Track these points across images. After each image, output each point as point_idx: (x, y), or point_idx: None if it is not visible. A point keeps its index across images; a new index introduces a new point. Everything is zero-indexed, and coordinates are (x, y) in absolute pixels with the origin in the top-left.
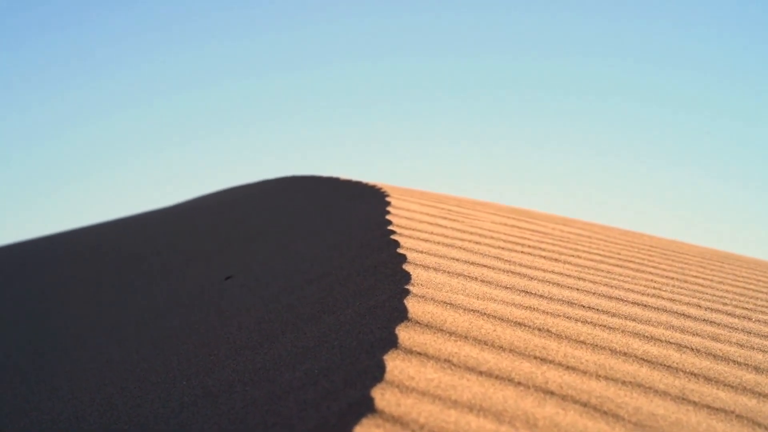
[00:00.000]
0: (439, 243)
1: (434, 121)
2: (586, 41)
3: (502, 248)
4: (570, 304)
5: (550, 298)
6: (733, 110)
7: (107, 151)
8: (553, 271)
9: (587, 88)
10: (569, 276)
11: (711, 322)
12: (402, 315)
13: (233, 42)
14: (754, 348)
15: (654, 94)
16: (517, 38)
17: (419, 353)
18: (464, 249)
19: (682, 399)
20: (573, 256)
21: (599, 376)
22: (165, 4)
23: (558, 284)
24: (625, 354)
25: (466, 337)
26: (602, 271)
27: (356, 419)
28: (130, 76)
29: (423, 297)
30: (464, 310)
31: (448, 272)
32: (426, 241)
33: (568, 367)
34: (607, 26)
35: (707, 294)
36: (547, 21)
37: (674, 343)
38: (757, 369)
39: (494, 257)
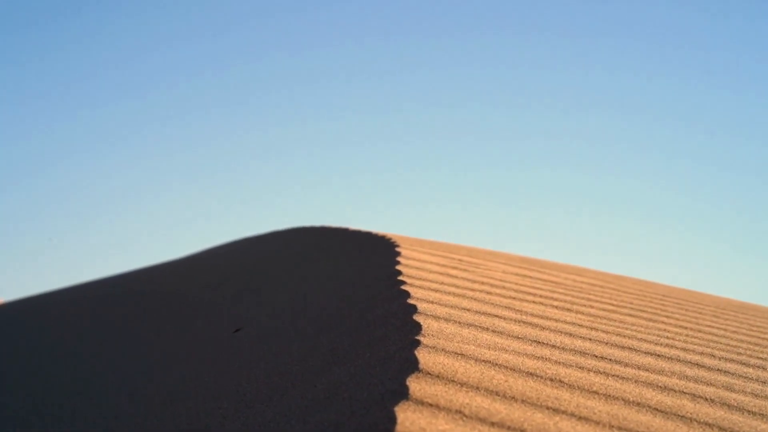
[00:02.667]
0: (449, 293)
1: (445, 170)
2: (599, 91)
3: (514, 298)
4: (582, 354)
5: (563, 348)
6: (745, 162)
7: (110, 205)
8: (565, 321)
9: (600, 138)
10: (581, 326)
11: (725, 372)
12: (413, 366)
13: (247, 92)
14: None
15: (666, 144)
16: (526, 87)
17: (430, 404)
18: (475, 299)
19: None
20: (585, 305)
21: (612, 426)
22: (172, 54)
23: (570, 334)
24: (638, 404)
25: (477, 388)
26: (615, 320)
27: None
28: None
29: (434, 348)
30: (475, 360)
31: (459, 322)
32: (436, 291)
33: (580, 418)
34: (620, 80)
35: (721, 344)
36: (559, 73)
37: (688, 393)
38: None
39: (505, 307)
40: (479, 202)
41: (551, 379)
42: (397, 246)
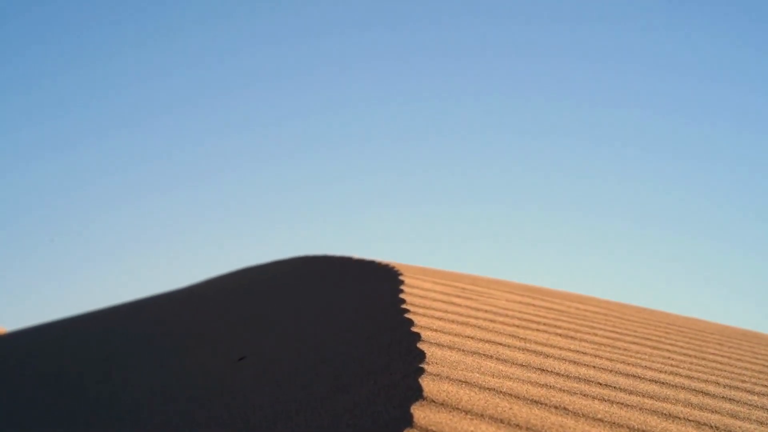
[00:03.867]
0: (453, 321)
1: (448, 199)
2: (605, 124)
3: (517, 326)
4: (587, 381)
5: (567, 376)
6: (747, 190)
7: (118, 235)
8: (569, 349)
9: (602, 169)
10: (585, 353)
11: (730, 399)
12: (417, 394)
13: (251, 120)
14: None
15: (668, 173)
16: (532, 117)
17: None
18: (479, 327)
19: None
20: (589, 333)
21: None
22: (171, 94)
23: (574, 362)
24: None
25: (482, 416)
26: (619, 348)
27: None
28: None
29: (438, 375)
30: (480, 388)
31: (463, 350)
32: (440, 319)
33: None
34: (624, 113)
35: (726, 371)
36: (559, 104)
37: (693, 421)
38: None
39: (509, 335)
40: (483, 231)
41: (555, 407)
42: (401, 274)
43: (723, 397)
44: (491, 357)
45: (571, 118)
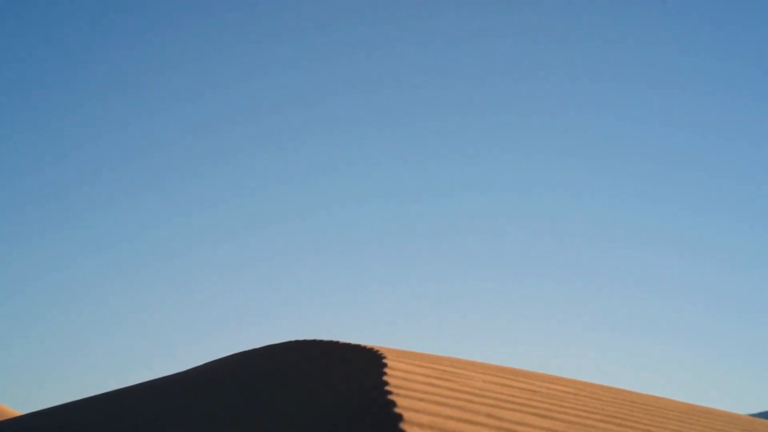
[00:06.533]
0: (433, 402)
1: (430, 285)
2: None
3: (494, 406)
4: None
5: None
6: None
7: (109, 324)
8: (541, 428)
9: (571, 254)
10: None
11: None
12: None
13: (241, 202)
14: None
15: (631, 255)
16: (512, 208)
17: None
18: (458, 407)
19: None
20: (561, 412)
21: None
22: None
23: None
24: None
25: None
26: (588, 426)
27: None
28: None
29: None
30: None
31: (443, 430)
32: (421, 400)
33: None
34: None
35: None
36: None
37: None
38: None
39: (486, 415)
40: (464, 313)
41: None
42: (384, 357)
43: None
44: None
45: (550, 214)
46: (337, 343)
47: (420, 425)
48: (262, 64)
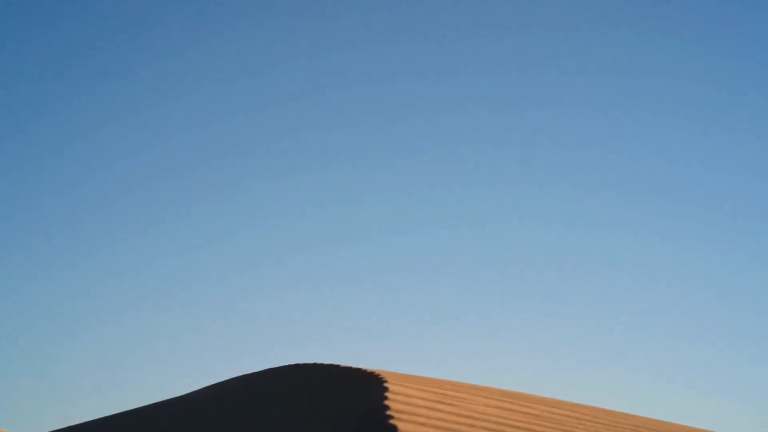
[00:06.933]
0: (435, 426)
1: (433, 307)
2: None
3: (495, 431)
4: None
5: None
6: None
7: (105, 349)
8: None
9: (575, 273)
10: None
11: None
12: None
13: (241, 225)
14: None
15: (635, 281)
16: (516, 221)
17: None
18: None
19: None
20: None
21: None
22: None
23: None
24: None
25: None
26: None
27: None
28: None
29: None
30: None
31: None
32: (423, 425)
33: None
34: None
35: None
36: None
37: None
38: None
39: None
40: (466, 337)
41: None
42: (386, 381)
43: None
44: None
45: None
46: (338, 366)
47: None
48: (262, 62)
